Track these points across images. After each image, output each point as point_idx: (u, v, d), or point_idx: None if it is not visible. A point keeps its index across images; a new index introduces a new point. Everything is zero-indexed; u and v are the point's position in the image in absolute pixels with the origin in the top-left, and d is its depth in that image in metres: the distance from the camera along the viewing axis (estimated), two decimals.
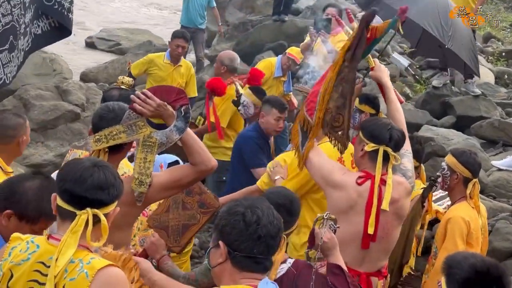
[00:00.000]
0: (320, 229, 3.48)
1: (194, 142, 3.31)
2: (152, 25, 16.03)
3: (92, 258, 2.53)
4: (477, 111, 9.87)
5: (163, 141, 3.22)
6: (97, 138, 3.19)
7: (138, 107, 3.22)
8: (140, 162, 3.18)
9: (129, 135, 3.20)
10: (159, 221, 3.81)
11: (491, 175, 7.92)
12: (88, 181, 2.54)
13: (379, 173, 3.98)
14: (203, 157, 3.32)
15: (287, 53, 8.37)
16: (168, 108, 3.25)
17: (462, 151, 4.81)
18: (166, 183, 3.31)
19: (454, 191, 4.71)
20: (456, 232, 4.48)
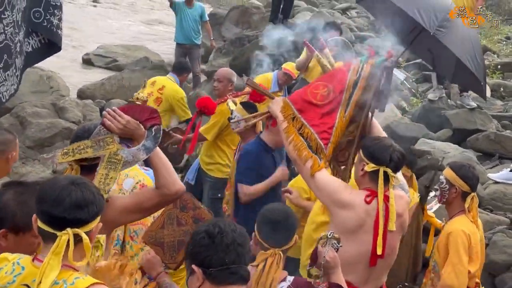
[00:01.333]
0: (323, 247, 3.48)
1: (160, 164, 3.27)
2: (148, 42, 16.08)
3: (76, 278, 2.50)
4: (473, 124, 9.88)
5: (129, 159, 3.17)
6: (65, 151, 3.16)
7: (107, 122, 3.20)
8: (101, 178, 3.11)
9: (96, 150, 3.16)
10: (154, 238, 3.79)
11: (488, 188, 7.93)
12: (66, 201, 2.51)
13: (381, 194, 3.97)
14: (168, 180, 3.26)
15: (283, 68, 8.42)
16: (139, 127, 3.22)
17: (461, 164, 4.80)
18: (129, 206, 3.26)
19: (452, 205, 4.70)
20: (460, 245, 4.47)
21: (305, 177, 4.12)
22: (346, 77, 4.33)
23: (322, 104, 4.30)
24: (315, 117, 4.26)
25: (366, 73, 4.31)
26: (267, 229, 3.52)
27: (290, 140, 4.14)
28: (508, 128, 10.41)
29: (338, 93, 4.31)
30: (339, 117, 4.26)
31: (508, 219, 7.33)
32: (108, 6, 20.16)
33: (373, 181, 4.00)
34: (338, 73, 4.42)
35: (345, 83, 4.32)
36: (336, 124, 4.24)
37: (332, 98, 4.30)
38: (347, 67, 4.40)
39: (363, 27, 16.03)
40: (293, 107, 4.25)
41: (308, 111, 4.27)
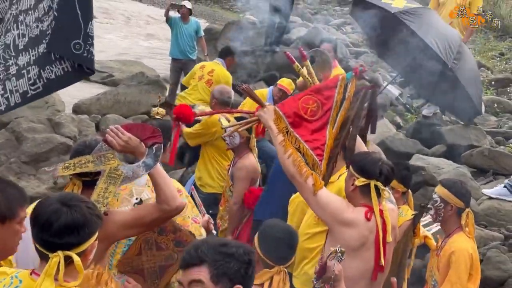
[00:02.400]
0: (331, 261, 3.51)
1: (160, 180, 3.34)
2: (144, 57, 16.12)
3: None
4: (467, 140, 9.92)
5: (129, 175, 3.25)
6: (66, 165, 3.24)
7: (109, 138, 3.29)
8: (100, 191, 3.18)
9: (96, 165, 3.24)
10: (131, 266, 3.71)
11: (482, 203, 7.95)
12: (55, 225, 2.54)
13: (377, 207, 3.99)
14: (168, 196, 3.32)
15: (278, 84, 8.46)
16: (140, 144, 3.32)
17: (453, 181, 4.82)
18: (130, 221, 3.32)
19: (448, 223, 4.71)
20: (462, 265, 4.49)
21: (305, 194, 4.09)
22: (333, 94, 4.38)
23: (312, 120, 4.33)
24: (306, 133, 4.29)
25: (351, 92, 4.38)
26: (271, 246, 3.54)
27: (288, 154, 4.11)
28: (502, 144, 10.46)
29: (326, 111, 4.36)
30: (328, 134, 4.31)
31: (502, 235, 7.36)
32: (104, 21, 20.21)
33: (365, 195, 4.02)
34: (326, 88, 4.45)
35: (332, 101, 4.37)
36: (327, 142, 4.29)
37: (321, 115, 4.35)
38: (333, 82, 4.45)
39: (358, 42, 16.10)
40: (286, 121, 4.27)
41: (299, 126, 4.29)
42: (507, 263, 6.73)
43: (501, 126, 11.41)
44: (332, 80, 4.56)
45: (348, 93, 4.38)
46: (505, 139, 10.71)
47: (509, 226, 7.55)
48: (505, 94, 13.36)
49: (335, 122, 4.34)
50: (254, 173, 6.21)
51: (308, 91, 4.47)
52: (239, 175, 6.12)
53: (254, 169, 6.22)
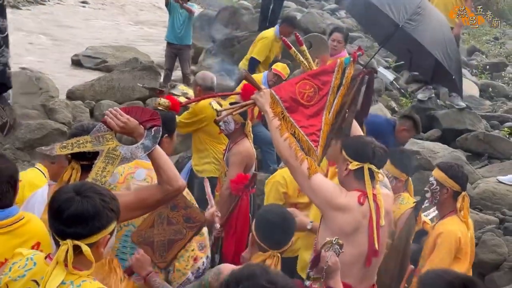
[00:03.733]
0: (326, 252, 3.50)
1: (160, 162, 3.35)
2: (138, 43, 16.06)
3: (83, 281, 2.53)
4: (462, 124, 9.95)
5: (127, 156, 3.27)
6: (64, 145, 3.23)
7: (108, 120, 3.30)
8: (98, 170, 3.19)
9: (95, 145, 3.25)
10: (143, 237, 3.78)
11: (477, 187, 7.97)
12: (65, 213, 2.54)
13: (370, 191, 3.98)
14: (170, 176, 3.33)
15: (273, 69, 8.44)
16: (139, 126, 3.33)
17: (450, 165, 4.81)
18: (132, 203, 3.30)
19: (444, 206, 4.70)
20: (445, 248, 4.49)
21: (299, 178, 4.06)
22: (330, 80, 4.36)
23: (308, 105, 4.30)
24: (302, 118, 4.26)
25: (348, 78, 4.35)
26: (266, 230, 3.53)
27: (284, 138, 4.08)
28: (497, 128, 10.48)
29: (323, 96, 4.33)
30: (324, 120, 4.29)
31: (497, 218, 7.38)
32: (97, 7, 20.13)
33: (359, 179, 4.01)
34: (324, 73, 4.42)
35: (329, 87, 4.34)
36: (323, 128, 4.27)
37: (317, 100, 4.32)
38: (331, 67, 4.42)
39: (352, 27, 16.06)
40: (282, 105, 4.24)
41: (295, 111, 4.26)
42: (502, 247, 6.75)
43: (496, 110, 11.44)
44: (330, 65, 4.52)
45: (345, 79, 4.35)
46: (500, 123, 10.74)
47: (504, 210, 7.57)
48: (499, 78, 13.38)
49: (331, 107, 4.32)
50: (249, 159, 6.19)
51: (305, 75, 4.43)
52: (233, 160, 6.10)
53: (249, 154, 6.19)
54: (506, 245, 6.79)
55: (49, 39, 15.32)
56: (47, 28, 16.19)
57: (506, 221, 7.33)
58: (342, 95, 4.34)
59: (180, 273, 4.10)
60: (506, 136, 9.91)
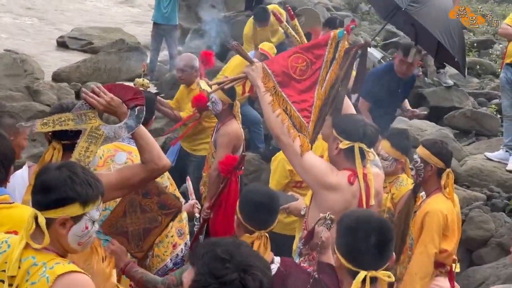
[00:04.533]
0: (319, 227, 3.49)
1: (144, 141, 3.31)
2: (124, 24, 15.92)
3: (57, 263, 2.49)
4: (450, 102, 9.96)
5: (110, 135, 3.21)
6: (45, 121, 3.17)
7: (89, 99, 3.23)
8: (81, 150, 3.14)
9: (77, 124, 3.18)
10: (115, 227, 3.72)
11: (464, 164, 7.98)
12: (37, 181, 2.55)
13: (360, 170, 3.96)
14: (153, 155, 3.30)
15: (259, 48, 8.39)
16: (122, 105, 3.27)
17: (434, 141, 4.80)
18: (116, 183, 3.25)
19: (428, 183, 4.69)
20: (434, 226, 4.49)
21: (290, 155, 4.03)
22: (323, 53, 4.30)
23: (300, 79, 4.25)
24: (294, 93, 4.21)
25: (341, 52, 4.30)
26: (252, 211, 3.50)
27: (277, 114, 4.04)
28: (484, 105, 10.49)
29: (316, 70, 4.28)
30: (316, 95, 4.24)
31: (484, 195, 7.40)
32: None
33: (349, 158, 3.98)
34: (317, 47, 4.37)
35: (322, 61, 4.29)
36: (315, 103, 4.22)
37: (310, 74, 4.27)
38: (324, 41, 4.37)
39: (340, 6, 15.99)
40: (274, 80, 4.18)
41: (288, 85, 4.21)
42: (490, 223, 6.78)
43: (484, 88, 11.43)
44: (323, 38, 4.45)
45: (338, 52, 4.30)
46: (488, 100, 10.74)
47: (492, 186, 7.59)
48: (487, 56, 13.36)
49: (324, 82, 4.26)
50: (237, 140, 6.16)
51: (297, 48, 4.37)
52: (221, 141, 6.07)
53: (237, 135, 6.16)
54: (493, 221, 6.83)
55: (35, 20, 15.16)
56: (32, 10, 16.03)
57: (493, 197, 7.36)
58: (335, 69, 4.29)
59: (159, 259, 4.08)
60: (494, 113, 9.91)
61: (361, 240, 2.81)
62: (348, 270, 2.85)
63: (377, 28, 15.33)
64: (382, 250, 2.82)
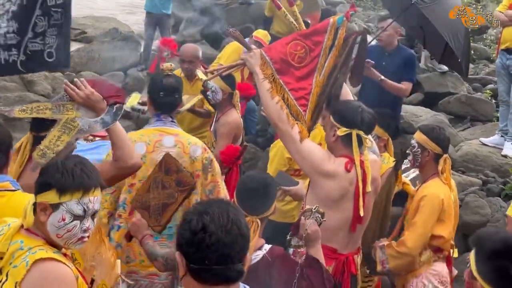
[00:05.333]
0: (306, 220, 3.48)
1: (117, 138, 3.42)
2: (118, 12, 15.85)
3: (41, 249, 2.50)
4: (445, 87, 9.95)
5: (85, 128, 3.31)
6: (23, 108, 3.29)
7: (70, 91, 3.34)
8: (52, 138, 3.23)
9: (54, 113, 3.29)
10: (141, 202, 3.85)
11: (460, 150, 8.00)
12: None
13: (357, 157, 3.97)
14: (124, 153, 3.42)
15: (254, 36, 8.36)
16: (102, 101, 3.37)
17: (431, 127, 4.81)
18: None
19: (425, 168, 4.71)
20: (428, 210, 4.51)
21: (288, 142, 4.04)
22: (322, 40, 4.29)
23: (299, 66, 4.25)
24: (292, 81, 4.21)
25: (341, 39, 4.29)
26: (245, 196, 3.51)
27: (276, 101, 4.05)
28: (479, 91, 10.51)
29: (314, 57, 4.28)
30: (315, 82, 4.24)
31: (480, 180, 7.42)
32: None
33: (347, 145, 3.99)
34: (315, 33, 4.35)
35: (321, 48, 4.28)
36: (313, 90, 4.22)
37: (308, 61, 4.26)
38: (323, 27, 4.35)
39: None
40: (273, 67, 4.17)
41: (286, 73, 4.20)
42: (485, 208, 6.80)
43: (478, 73, 11.45)
44: (322, 24, 4.44)
45: (338, 40, 4.29)
46: (482, 86, 10.76)
47: (487, 171, 7.61)
48: (481, 41, 13.37)
49: (322, 69, 4.26)
50: (237, 129, 6.15)
51: (296, 35, 4.36)
52: (222, 131, 6.05)
53: (237, 125, 6.15)
54: (489, 206, 6.84)
55: None
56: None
57: (489, 182, 7.38)
58: (334, 57, 4.28)
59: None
60: (488, 98, 9.94)
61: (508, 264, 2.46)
62: None
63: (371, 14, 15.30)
64: None
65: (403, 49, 7.09)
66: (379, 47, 6.92)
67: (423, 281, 4.58)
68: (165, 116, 4.47)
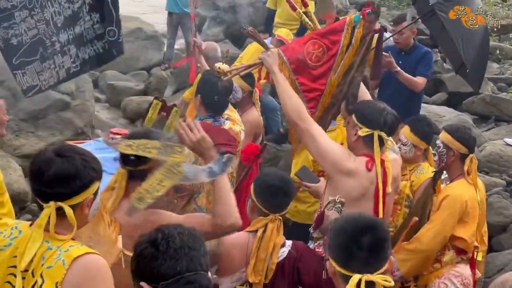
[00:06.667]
0: (329, 211, 3.49)
1: (222, 192, 3.10)
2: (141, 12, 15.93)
3: (71, 246, 2.50)
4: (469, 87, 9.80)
5: (189, 176, 3.00)
6: (130, 144, 3.04)
7: (181, 132, 3.08)
8: (153, 182, 2.95)
9: (160, 154, 3.00)
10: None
11: (484, 150, 7.94)
12: (45, 174, 2.50)
13: (378, 158, 3.94)
14: (225, 211, 3.09)
15: (276, 34, 8.35)
16: (213, 148, 3.10)
17: (457, 127, 4.76)
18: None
19: (451, 169, 4.64)
20: (448, 210, 4.44)
21: (307, 141, 4.00)
22: (340, 39, 4.29)
23: (316, 65, 4.25)
24: (307, 81, 4.22)
25: (358, 38, 4.27)
26: (268, 194, 3.52)
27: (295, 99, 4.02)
28: (504, 90, 10.42)
29: (332, 56, 4.27)
30: (329, 82, 4.24)
31: (504, 181, 7.36)
32: None
33: (367, 145, 3.97)
34: (333, 32, 4.34)
35: (338, 47, 4.27)
36: (326, 91, 4.21)
37: (326, 60, 4.27)
38: (340, 26, 4.34)
39: None
40: (289, 67, 4.18)
41: (302, 73, 4.22)
42: (509, 209, 6.75)
43: (503, 73, 11.35)
44: (339, 23, 4.44)
45: (354, 38, 4.28)
46: (507, 85, 10.67)
47: (511, 172, 7.54)
48: (507, 41, 13.25)
49: (338, 68, 4.26)
50: (257, 128, 6.15)
51: (313, 34, 4.36)
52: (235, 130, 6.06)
53: (257, 123, 6.15)
54: None
55: None
56: None
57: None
58: (350, 56, 4.27)
59: None
60: None
61: (351, 240, 2.43)
62: (341, 275, 2.46)
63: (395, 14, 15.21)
64: (375, 251, 2.43)
65: (419, 47, 7.04)
66: (396, 47, 6.89)
67: (445, 282, 4.52)
68: (219, 117, 4.48)
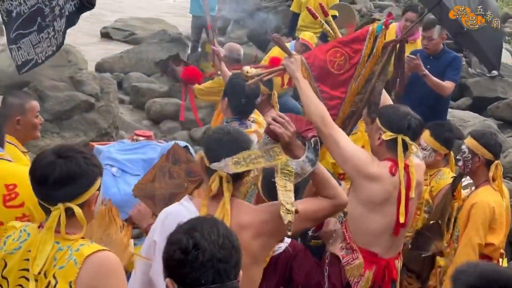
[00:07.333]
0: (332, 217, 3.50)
1: (323, 176, 3.11)
2: (166, 14, 16.03)
3: (82, 245, 2.52)
4: (494, 92, 9.82)
5: (298, 171, 2.99)
6: (237, 161, 2.97)
7: (277, 129, 3.02)
8: (283, 190, 2.92)
9: (267, 161, 2.99)
10: (144, 191, 3.80)
11: (508, 156, 7.88)
12: (50, 178, 2.51)
13: (401, 163, 3.94)
14: (339, 191, 3.12)
15: (300, 38, 8.34)
16: (296, 137, 3.07)
17: (483, 132, 4.73)
18: (308, 213, 3.06)
19: (476, 175, 4.63)
20: (479, 219, 4.42)
21: (330, 146, 3.98)
22: (362, 48, 4.29)
23: (338, 73, 4.26)
24: (328, 89, 4.23)
25: (379, 47, 4.28)
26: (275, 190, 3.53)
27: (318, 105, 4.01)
28: None
29: (353, 64, 4.28)
30: (349, 90, 4.25)
31: None
32: None
33: (391, 149, 3.96)
34: (355, 41, 4.34)
35: (360, 55, 4.28)
36: (346, 99, 4.22)
37: (348, 68, 4.27)
38: (363, 35, 4.35)
39: None
40: (311, 74, 4.19)
41: (323, 80, 4.22)
42: None
43: None
44: (361, 32, 4.43)
45: (376, 48, 4.28)
46: None
47: None
48: None
49: (358, 76, 4.26)
50: None
51: (336, 42, 4.37)
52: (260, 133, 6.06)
53: None
54: None
55: None
56: None
57: None
58: (371, 64, 4.27)
59: None
60: None
61: None
62: None
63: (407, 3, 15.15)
64: None
65: (448, 52, 6.99)
66: (424, 51, 6.86)
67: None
68: (245, 120, 4.50)
